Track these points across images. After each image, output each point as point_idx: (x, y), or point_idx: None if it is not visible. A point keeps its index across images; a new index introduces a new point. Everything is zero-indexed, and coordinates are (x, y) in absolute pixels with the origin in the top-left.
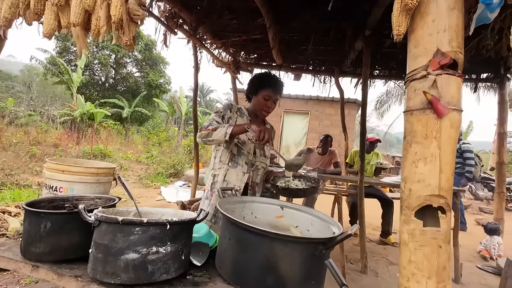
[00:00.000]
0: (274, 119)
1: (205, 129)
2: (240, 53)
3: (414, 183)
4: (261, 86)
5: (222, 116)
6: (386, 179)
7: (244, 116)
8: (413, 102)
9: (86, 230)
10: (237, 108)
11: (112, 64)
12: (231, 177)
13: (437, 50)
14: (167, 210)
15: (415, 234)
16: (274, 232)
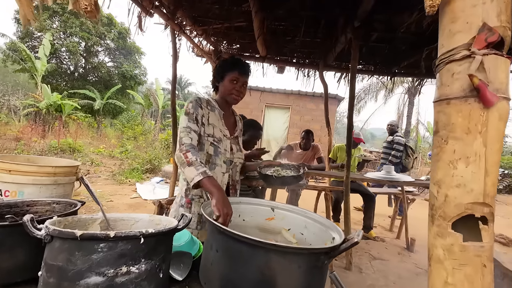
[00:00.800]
0: (255, 113)
1: (184, 153)
2: (222, 42)
3: (452, 188)
4: (227, 70)
5: (196, 119)
6: (370, 174)
7: (215, 109)
8: (450, 89)
9: (36, 246)
10: (206, 101)
11: (81, 52)
12: None
13: (484, 25)
14: (141, 216)
15: (453, 250)
16: (270, 243)
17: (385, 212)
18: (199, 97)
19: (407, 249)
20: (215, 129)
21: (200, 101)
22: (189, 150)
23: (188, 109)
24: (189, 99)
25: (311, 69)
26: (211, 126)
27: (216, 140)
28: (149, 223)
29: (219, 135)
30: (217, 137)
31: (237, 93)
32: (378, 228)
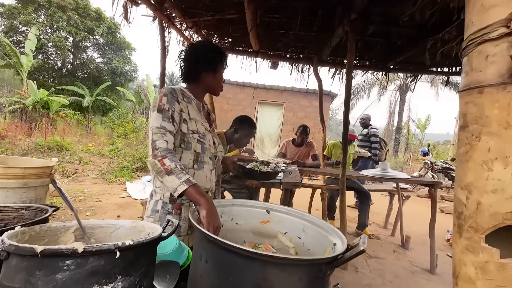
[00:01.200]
0: (248, 110)
1: (160, 160)
2: (213, 36)
3: (486, 194)
4: (220, 60)
5: (171, 117)
6: (365, 171)
7: (192, 100)
8: (483, 75)
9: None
10: (181, 92)
11: (69, 47)
12: (200, 180)
13: None
14: (122, 223)
15: (488, 269)
16: (267, 254)
17: (378, 209)
18: (173, 89)
19: (402, 247)
20: (198, 124)
21: (176, 94)
22: (166, 155)
23: (161, 105)
24: (161, 91)
25: (305, 65)
26: (193, 121)
27: (201, 136)
28: (131, 231)
29: (202, 130)
30: (201, 132)
31: (222, 86)
32: (372, 226)
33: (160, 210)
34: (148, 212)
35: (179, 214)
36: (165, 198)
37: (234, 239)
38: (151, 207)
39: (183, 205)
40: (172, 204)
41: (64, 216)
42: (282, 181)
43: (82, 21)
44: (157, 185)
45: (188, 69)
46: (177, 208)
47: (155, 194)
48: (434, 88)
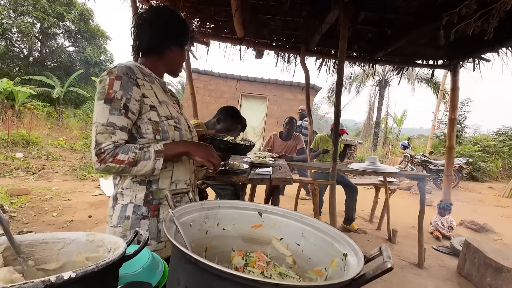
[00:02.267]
0: (231, 103)
1: (113, 161)
2: (193, 20)
3: None
4: (186, 33)
5: (125, 107)
6: (354, 165)
7: (155, 80)
8: None
9: None
10: (140, 71)
11: (36, 34)
12: (180, 174)
13: None
14: (75, 236)
15: None
16: (271, 283)
17: (363, 202)
18: (129, 67)
19: (389, 241)
20: (169, 107)
21: (133, 74)
22: (116, 152)
23: (111, 93)
24: (111, 72)
25: (292, 54)
26: (164, 104)
27: (176, 121)
28: (86, 246)
29: (176, 114)
30: (176, 117)
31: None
32: (358, 219)
33: (132, 216)
34: (113, 221)
35: (157, 216)
36: (138, 200)
37: (221, 247)
38: (117, 213)
39: (161, 204)
40: (148, 206)
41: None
42: (272, 177)
43: (50, 5)
44: (124, 185)
45: (150, 40)
46: (154, 210)
47: (122, 197)
48: (411, 83)
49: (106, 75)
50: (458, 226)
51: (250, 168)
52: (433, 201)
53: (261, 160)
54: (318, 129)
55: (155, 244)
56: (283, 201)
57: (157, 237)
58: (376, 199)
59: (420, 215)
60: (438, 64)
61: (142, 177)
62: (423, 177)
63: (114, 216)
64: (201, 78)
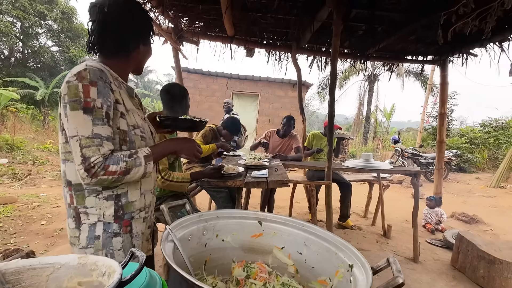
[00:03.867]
0: (223, 101)
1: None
2: (182, 19)
3: None
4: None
5: (107, 116)
6: (348, 163)
7: (122, 84)
8: None
9: None
10: (110, 75)
11: (17, 34)
12: (147, 181)
13: None
14: (65, 260)
15: None
16: None
17: (357, 198)
18: (101, 70)
19: (384, 236)
20: (135, 115)
21: (107, 78)
22: (107, 164)
23: (90, 101)
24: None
25: (283, 52)
26: (131, 112)
27: (142, 130)
28: (77, 271)
29: (141, 122)
30: (141, 126)
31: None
32: (353, 216)
33: (102, 234)
34: (82, 243)
35: (130, 232)
36: (107, 217)
37: (220, 259)
38: (85, 234)
39: (134, 218)
40: (119, 222)
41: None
42: (268, 179)
43: (31, 4)
44: (87, 204)
45: (117, 39)
46: (126, 225)
47: (87, 216)
48: (400, 78)
49: (76, 80)
50: (449, 218)
51: (245, 171)
52: (424, 194)
53: (256, 162)
54: (309, 125)
55: None
56: (278, 200)
57: None
58: (370, 195)
59: (415, 210)
60: (427, 60)
61: (109, 192)
62: (416, 173)
63: (82, 237)
64: (191, 77)
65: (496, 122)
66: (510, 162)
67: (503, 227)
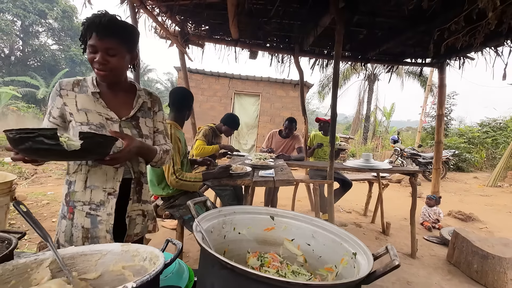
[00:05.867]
0: (224, 101)
1: None
2: (188, 23)
3: None
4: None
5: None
6: (349, 162)
7: (87, 89)
8: None
9: None
10: (73, 83)
11: (17, 32)
12: (96, 179)
13: None
14: (110, 247)
15: None
16: (301, 283)
17: (357, 197)
18: (61, 81)
19: (383, 233)
20: (90, 114)
21: (60, 86)
22: None
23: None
24: None
25: (286, 54)
26: (82, 112)
27: (93, 127)
28: (121, 256)
29: (98, 121)
30: (96, 123)
31: (98, 66)
32: (353, 214)
33: (60, 213)
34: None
35: (72, 220)
36: (63, 198)
37: (237, 249)
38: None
39: (76, 208)
40: (67, 207)
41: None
42: (275, 179)
43: (31, 2)
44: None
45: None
46: (70, 212)
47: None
48: (400, 78)
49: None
50: (446, 216)
51: (252, 171)
52: (422, 193)
53: (262, 162)
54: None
55: None
56: (280, 199)
57: (70, 240)
58: (369, 194)
59: (412, 208)
60: (426, 63)
61: (67, 177)
62: (414, 172)
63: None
64: (194, 77)
65: (495, 122)
66: (507, 161)
67: (498, 224)
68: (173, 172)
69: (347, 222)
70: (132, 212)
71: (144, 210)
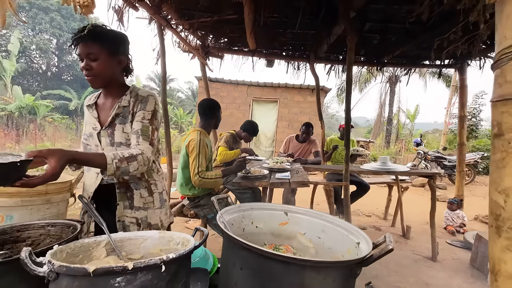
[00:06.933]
0: (243, 108)
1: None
2: (209, 37)
3: None
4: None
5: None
6: (366, 165)
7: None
8: None
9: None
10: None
11: (53, 50)
12: (87, 182)
13: None
14: (150, 234)
15: None
16: (304, 259)
17: (377, 200)
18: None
19: (403, 237)
20: (87, 125)
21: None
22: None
23: None
24: None
25: (302, 62)
26: (85, 124)
27: (86, 137)
28: (159, 241)
29: (89, 131)
30: (87, 133)
31: (84, 72)
32: (373, 217)
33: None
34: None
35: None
36: None
37: (255, 241)
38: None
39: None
40: None
41: None
42: (291, 180)
43: (65, 22)
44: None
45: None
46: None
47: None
48: (423, 79)
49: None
50: (473, 221)
51: (270, 174)
52: (447, 197)
53: (279, 165)
54: (329, 128)
55: None
56: (299, 202)
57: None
58: (389, 197)
59: (432, 211)
60: (445, 64)
61: None
62: (432, 175)
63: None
64: (213, 85)
65: None
66: None
67: None
68: (196, 172)
69: (366, 225)
70: (124, 217)
71: (138, 217)
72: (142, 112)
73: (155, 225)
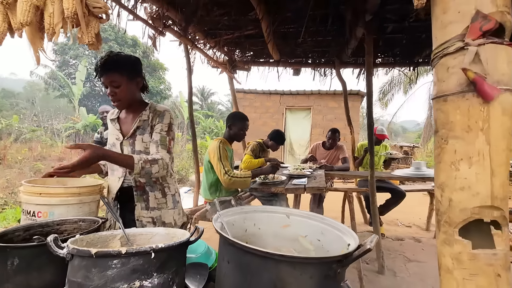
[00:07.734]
0: (276, 117)
1: None
2: (235, 51)
3: (455, 192)
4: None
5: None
6: (398, 171)
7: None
8: (446, 85)
9: (62, 264)
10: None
11: None
12: (111, 185)
13: (477, 13)
14: (158, 230)
15: (462, 259)
16: (278, 254)
17: (420, 210)
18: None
19: None
20: (111, 136)
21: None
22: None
23: None
24: None
25: (328, 68)
26: (109, 135)
27: (109, 146)
28: (165, 237)
29: (112, 141)
30: (111, 143)
31: (110, 98)
32: (414, 228)
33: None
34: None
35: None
36: None
37: (257, 243)
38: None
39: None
40: None
41: None
42: (306, 186)
43: (120, 48)
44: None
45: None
46: None
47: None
48: None
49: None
50: None
51: (288, 179)
52: None
53: (299, 171)
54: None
55: None
56: (328, 211)
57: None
58: (431, 206)
59: None
60: None
61: None
62: None
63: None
64: (247, 96)
65: None
66: None
67: None
68: (224, 172)
69: (405, 236)
70: (142, 217)
71: (154, 217)
72: (160, 125)
73: (169, 223)
